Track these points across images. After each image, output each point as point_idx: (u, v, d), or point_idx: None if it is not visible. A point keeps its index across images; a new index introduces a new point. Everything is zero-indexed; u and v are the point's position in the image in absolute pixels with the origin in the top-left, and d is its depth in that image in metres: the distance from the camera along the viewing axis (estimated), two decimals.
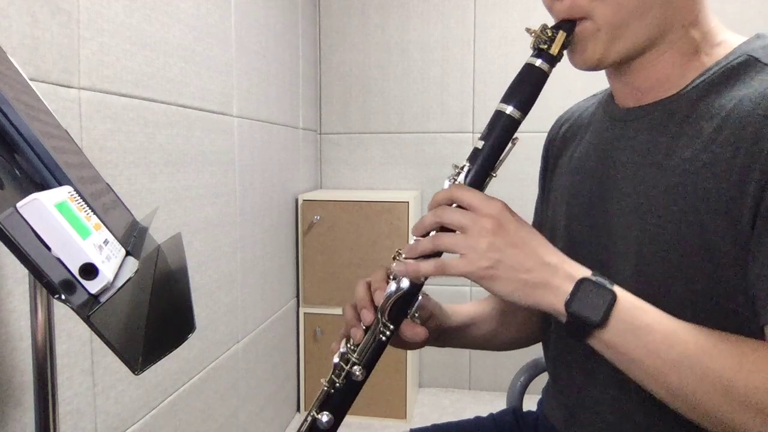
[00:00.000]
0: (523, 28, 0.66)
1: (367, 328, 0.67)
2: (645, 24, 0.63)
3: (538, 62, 0.64)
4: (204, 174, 1.49)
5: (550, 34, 0.63)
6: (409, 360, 2.21)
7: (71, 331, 1.01)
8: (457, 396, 2.48)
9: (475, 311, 0.87)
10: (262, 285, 1.92)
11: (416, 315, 0.67)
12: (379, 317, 0.65)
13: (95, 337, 0.91)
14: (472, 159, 0.65)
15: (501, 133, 0.64)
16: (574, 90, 1.27)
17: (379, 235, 2.18)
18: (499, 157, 0.64)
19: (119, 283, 0.50)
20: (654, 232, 0.63)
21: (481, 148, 0.64)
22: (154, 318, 0.57)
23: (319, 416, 0.67)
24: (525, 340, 0.90)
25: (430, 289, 0.70)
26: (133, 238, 0.67)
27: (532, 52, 0.65)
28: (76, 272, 0.46)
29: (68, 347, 1.00)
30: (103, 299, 0.47)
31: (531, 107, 0.64)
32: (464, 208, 0.61)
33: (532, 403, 0.94)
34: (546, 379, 0.86)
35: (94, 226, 0.51)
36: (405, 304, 0.65)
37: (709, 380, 0.53)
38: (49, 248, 0.45)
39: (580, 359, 0.73)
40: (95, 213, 0.54)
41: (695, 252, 0.59)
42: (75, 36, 1.01)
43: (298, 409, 2.33)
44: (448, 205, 0.62)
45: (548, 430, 0.83)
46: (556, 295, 0.57)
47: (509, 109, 0.63)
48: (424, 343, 0.77)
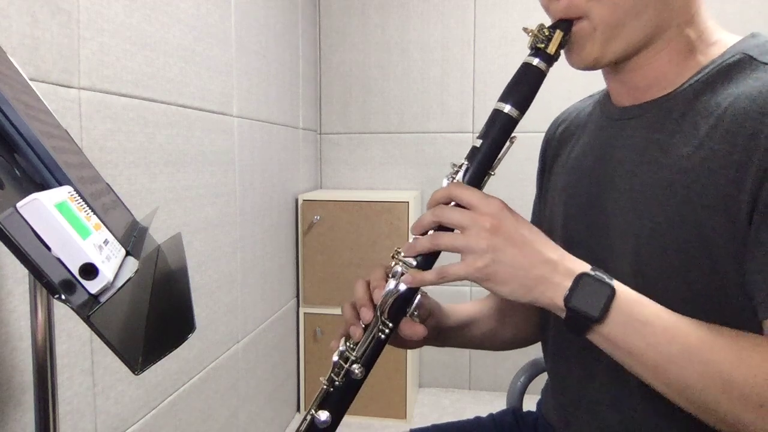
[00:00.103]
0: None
1: (367, 327, 0.66)
2: (641, 23, 0.63)
3: (535, 61, 0.64)
4: (204, 174, 1.49)
5: (547, 34, 0.64)
6: (409, 360, 2.21)
7: (71, 331, 1.01)
8: (457, 396, 2.48)
9: (474, 310, 0.87)
10: (262, 285, 1.92)
11: (415, 313, 0.67)
12: (378, 315, 0.65)
13: (95, 337, 0.91)
14: (470, 158, 0.65)
15: (499, 132, 0.64)
16: (573, 90, 1.27)
17: (379, 235, 2.18)
18: (498, 155, 0.65)
19: (119, 283, 0.50)
20: (651, 229, 0.63)
21: (479, 146, 0.65)
22: (154, 318, 0.57)
23: (318, 415, 0.67)
24: (524, 340, 0.90)
25: (430, 289, 0.70)
26: (133, 238, 0.67)
27: (529, 52, 0.65)
28: (76, 272, 0.46)
29: (68, 347, 1.00)
30: (103, 299, 0.47)
31: (529, 106, 0.65)
32: (463, 207, 0.61)
33: (532, 403, 0.94)
34: (546, 380, 0.87)
35: (94, 226, 0.51)
36: (404, 302, 0.65)
37: (709, 374, 0.53)
38: (49, 248, 0.45)
39: (579, 359, 0.73)
40: (95, 213, 0.54)
41: (693, 248, 0.59)
42: (75, 36, 1.01)
43: (298, 409, 2.33)
44: (447, 203, 0.63)
45: (547, 430, 0.83)
46: (556, 290, 0.57)
47: (507, 108, 0.64)
48: (423, 342, 0.77)
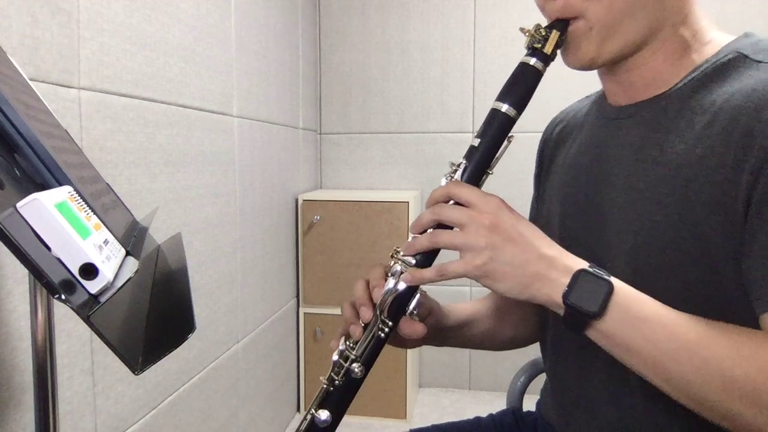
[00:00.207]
0: None
1: (366, 326, 0.67)
2: (637, 23, 0.64)
3: (532, 61, 0.65)
4: (204, 174, 1.49)
5: (543, 34, 0.65)
6: (409, 360, 2.21)
7: (71, 331, 1.01)
8: (457, 396, 2.48)
9: (473, 310, 0.87)
10: (262, 285, 1.92)
11: (415, 312, 0.67)
12: (378, 314, 0.66)
13: (95, 337, 0.91)
14: (468, 157, 0.65)
15: (497, 131, 0.65)
16: (571, 90, 1.27)
17: (379, 235, 2.18)
18: (495, 154, 0.65)
19: (119, 283, 0.50)
20: (648, 226, 0.63)
21: (477, 145, 0.65)
22: (154, 318, 0.57)
23: (319, 414, 0.67)
24: (523, 340, 0.90)
25: (431, 288, 0.70)
26: (133, 238, 0.67)
27: (526, 52, 0.66)
28: (76, 272, 0.46)
29: (68, 347, 1.00)
30: (103, 299, 0.47)
31: (526, 105, 0.65)
32: (462, 205, 0.61)
33: (532, 403, 0.94)
34: (545, 380, 0.87)
35: (94, 226, 0.51)
36: (403, 301, 0.66)
37: (708, 370, 0.53)
38: (49, 248, 0.45)
39: (577, 357, 0.74)
40: (95, 213, 0.54)
41: (690, 245, 0.60)
42: (75, 36, 1.01)
43: (298, 409, 2.33)
44: (446, 202, 0.63)
45: (547, 430, 0.83)
46: (554, 287, 0.58)
47: (504, 107, 0.64)
48: (422, 341, 0.77)
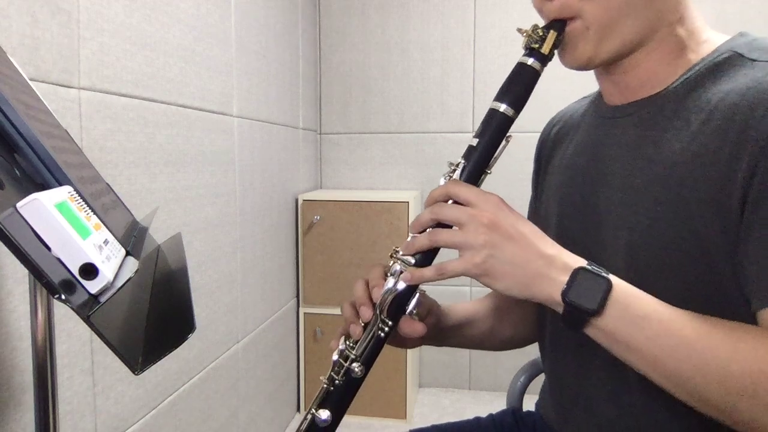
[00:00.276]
0: None
1: (366, 325, 0.67)
2: (633, 23, 0.64)
3: (529, 61, 0.65)
4: (204, 174, 1.49)
5: (541, 34, 0.65)
6: (409, 360, 2.21)
7: (71, 331, 1.01)
8: (457, 396, 2.48)
9: (473, 310, 0.87)
10: (262, 285, 1.92)
11: (414, 312, 0.67)
12: (378, 314, 0.66)
13: (95, 337, 0.91)
14: (467, 156, 0.66)
15: (495, 131, 0.65)
16: (570, 90, 1.27)
17: (379, 235, 2.18)
18: (494, 154, 0.66)
19: (119, 283, 0.50)
20: (644, 224, 0.63)
21: (475, 145, 0.65)
22: (154, 318, 0.57)
23: (319, 413, 0.67)
24: (522, 340, 0.90)
25: (431, 288, 0.70)
26: (133, 238, 0.67)
27: (523, 52, 0.66)
28: (76, 272, 0.46)
29: (68, 347, 1.00)
30: (103, 299, 0.47)
31: (524, 105, 0.66)
32: (461, 204, 0.61)
33: (532, 403, 0.94)
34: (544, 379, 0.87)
35: (94, 226, 0.51)
36: (403, 300, 0.66)
37: (705, 365, 0.54)
38: (49, 248, 0.45)
39: (576, 355, 0.74)
40: (95, 213, 0.54)
41: (685, 242, 0.60)
42: (75, 36, 1.01)
43: (298, 409, 2.33)
44: (445, 201, 0.63)
45: (546, 430, 0.83)
46: (553, 285, 0.58)
47: (503, 107, 0.65)
48: (421, 341, 0.77)
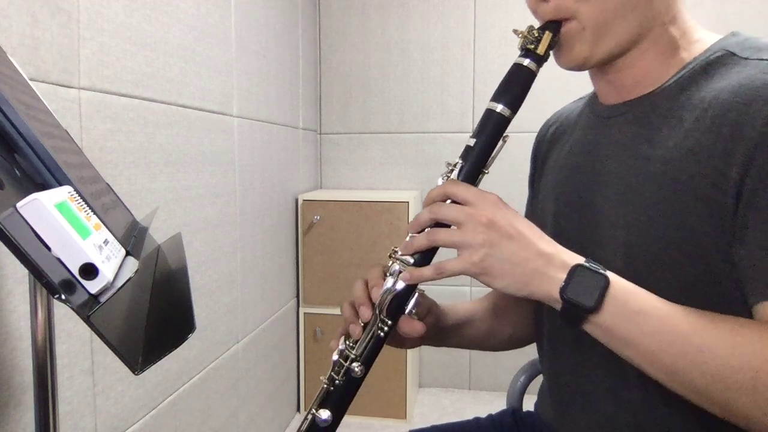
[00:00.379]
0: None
1: (366, 325, 0.67)
2: (628, 23, 0.65)
3: (525, 62, 0.66)
4: (204, 174, 1.49)
5: (536, 35, 0.65)
6: (409, 360, 2.21)
7: (71, 331, 1.01)
8: (457, 396, 2.48)
9: (472, 309, 0.87)
10: (262, 285, 1.92)
11: (414, 311, 0.68)
12: (377, 314, 0.66)
13: (95, 337, 0.91)
14: (464, 156, 0.66)
15: (492, 131, 0.66)
16: (567, 90, 1.27)
17: (379, 235, 2.18)
18: (491, 154, 0.66)
19: (119, 283, 0.50)
20: (640, 220, 0.64)
21: (473, 145, 0.66)
22: (154, 318, 0.57)
23: (319, 413, 0.67)
24: (521, 340, 0.90)
25: (431, 288, 0.70)
26: (133, 238, 0.67)
27: (520, 53, 0.66)
28: (76, 272, 0.46)
29: (68, 347, 1.00)
30: (103, 299, 0.47)
31: (520, 105, 0.66)
32: (459, 204, 0.62)
33: (532, 404, 0.94)
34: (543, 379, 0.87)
35: (94, 226, 0.51)
36: (402, 299, 0.66)
37: (704, 360, 0.54)
38: (49, 248, 0.45)
39: (573, 353, 0.74)
40: (95, 213, 0.54)
41: (682, 238, 0.60)
42: (75, 36, 1.01)
43: (298, 409, 2.33)
44: (443, 201, 0.63)
45: (545, 430, 0.83)
46: (551, 283, 0.58)
47: (499, 108, 0.65)
48: (421, 341, 0.77)
